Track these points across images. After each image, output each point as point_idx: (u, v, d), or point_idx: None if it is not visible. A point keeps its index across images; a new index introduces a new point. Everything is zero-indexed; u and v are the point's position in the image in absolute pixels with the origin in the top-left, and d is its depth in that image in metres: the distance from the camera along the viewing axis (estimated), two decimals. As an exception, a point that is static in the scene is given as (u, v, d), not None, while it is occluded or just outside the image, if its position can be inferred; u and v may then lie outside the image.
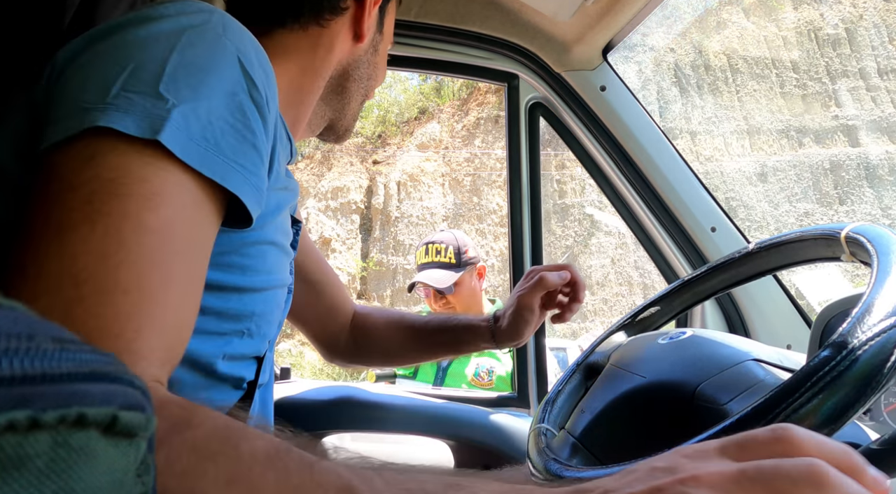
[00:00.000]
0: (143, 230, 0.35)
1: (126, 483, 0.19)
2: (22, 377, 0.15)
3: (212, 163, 0.38)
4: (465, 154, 13.85)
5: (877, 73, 14.17)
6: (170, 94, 0.38)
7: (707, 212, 1.14)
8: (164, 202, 0.36)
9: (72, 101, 0.38)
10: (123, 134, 0.36)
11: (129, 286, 0.34)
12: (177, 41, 0.41)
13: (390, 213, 13.25)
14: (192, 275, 0.38)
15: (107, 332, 0.33)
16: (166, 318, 0.35)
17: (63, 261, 0.33)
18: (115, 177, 0.35)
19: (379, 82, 0.75)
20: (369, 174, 13.93)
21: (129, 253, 0.34)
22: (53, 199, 0.34)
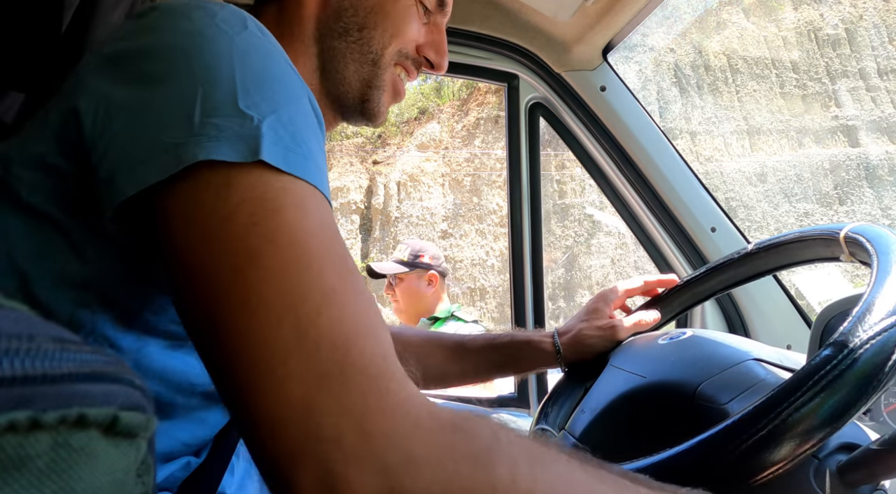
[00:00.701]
0: (310, 234, 0.35)
1: (127, 483, 0.19)
2: (23, 377, 0.15)
3: (307, 168, 0.38)
4: (465, 154, 13.85)
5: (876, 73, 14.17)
6: (252, 110, 0.37)
7: (707, 213, 1.14)
8: (311, 209, 0.36)
9: (154, 139, 0.36)
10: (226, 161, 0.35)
11: (337, 286, 0.34)
12: (231, 51, 0.39)
13: (390, 213, 13.25)
14: (357, 268, 0.38)
15: (360, 333, 0.32)
16: (373, 309, 0.35)
17: (275, 283, 0.32)
18: (259, 195, 0.35)
19: (395, 34, 0.61)
20: (369, 174, 13.93)
21: (319, 258, 0.34)
22: (214, 235, 0.34)
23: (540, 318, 1.27)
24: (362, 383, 0.31)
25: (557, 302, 12.61)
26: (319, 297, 0.32)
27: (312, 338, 0.31)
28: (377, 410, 0.30)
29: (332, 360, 0.31)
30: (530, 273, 1.26)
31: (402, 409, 0.31)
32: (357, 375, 0.31)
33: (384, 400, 0.30)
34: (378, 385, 0.31)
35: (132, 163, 0.36)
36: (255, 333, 0.31)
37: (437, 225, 13.34)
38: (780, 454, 0.37)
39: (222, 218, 0.34)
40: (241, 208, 0.34)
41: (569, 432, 0.64)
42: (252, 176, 0.35)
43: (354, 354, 0.31)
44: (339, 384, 0.30)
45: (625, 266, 12.79)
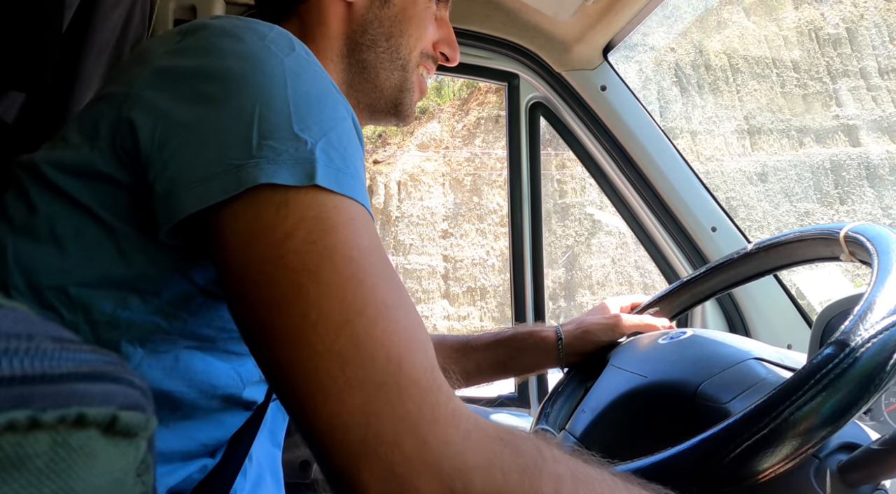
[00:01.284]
0: (365, 252, 0.37)
1: (126, 482, 0.19)
2: (22, 377, 0.15)
3: (355, 187, 0.40)
4: (465, 153, 13.84)
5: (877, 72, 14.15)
6: (305, 134, 0.39)
7: (708, 212, 1.14)
8: (361, 226, 0.38)
9: (214, 159, 0.38)
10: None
11: (392, 302, 0.36)
12: (283, 73, 0.41)
13: (391, 213, 13.25)
14: (402, 283, 0.40)
15: (413, 346, 0.34)
16: (424, 327, 0.38)
17: (333, 298, 0.34)
18: (315, 215, 0.37)
19: (419, 38, 0.64)
20: (370, 174, 13.93)
21: (372, 274, 0.36)
22: (273, 252, 0.36)
23: (540, 318, 1.27)
24: (416, 394, 0.33)
25: (558, 302, 12.61)
26: (374, 312, 0.35)
27: (369, 350, 0.33)
28: (431, 419, 0.32)
29: (387, 371, 0.33)
30: (531, 272, 1.26)
31: (453, 420, 0.33)
32: (411, 386, 0.33)
33: (436, 410, 0.33)
34: (430, 396, 0.33)
35: (192, 181, 0.38)
36: (316, 344, 0.33)
37: (438, 224, 13.34)
38: (782, 453, 0.37)
39: (282, 236, 0.36)
40: (300, 226, 0.36)
41: (569, 432, 0.64)
42: (308, 197, 0.37)
43: (407, 367, 0.33)
44: (395, 393, 0.32)
45: (625, 265, 12.79)
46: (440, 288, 12.95)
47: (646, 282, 12.44)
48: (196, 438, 0.50)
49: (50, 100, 0.79)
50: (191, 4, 1.08)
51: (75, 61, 0.82)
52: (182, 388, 0.47)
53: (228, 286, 0.37)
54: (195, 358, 0.47)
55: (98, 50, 0.86)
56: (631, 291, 12.47)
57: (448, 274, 13.08)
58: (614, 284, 12.61)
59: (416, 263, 12.89)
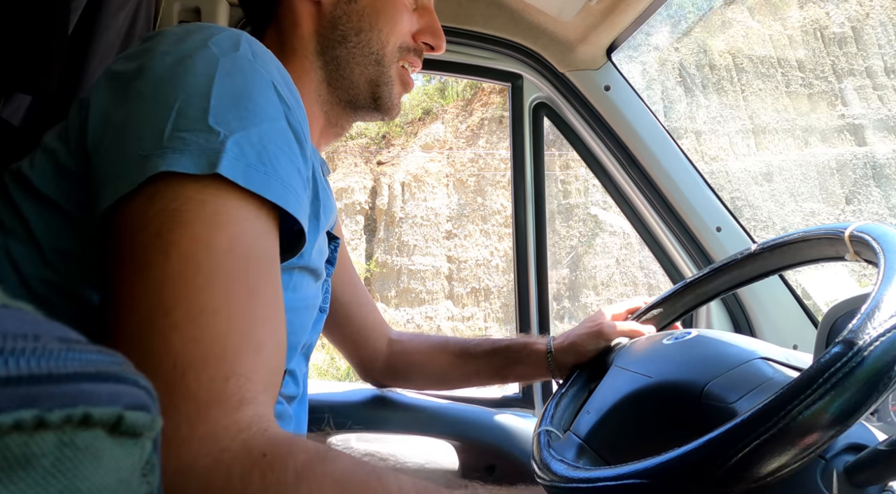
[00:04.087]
0: (214, 250, 0.36)
1: (132, 482, 0.19)
2: (28, 377, 0.16)
3: (270, 186, 0.39)
4: (469, 154, 13.84)
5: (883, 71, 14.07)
6: (220, 126, 0.38)
7: (712, 212, 1.13)
8: (229, 221, 0.37)
9: (130, 153, 0.38)
10: (185, 173, 0.37)
11: (216, 305, 0.34)
12: (214, 71, 0.41)
13: (394, 214, 13.26)
14: (272, 290, 0.39)
15: (210, 355, 0.33)
16: (261, 334, 0.36)
17: (149, 294, 0.34)
18: (177, 207, 0.36)
19: (391, 31, 0.63)
20: (373, 175, 13.94)
21: (209, 274, 0.35)
22: (127, 243, 0.36)
23: (544, 319, 1.27)
24: (188, 408, 0.32)
25: (562, 303, 12.59)
26: (182, 314, 0.33)
27: (157, 355, 0.32)
28: (188, 437, 0.31)
29: (170, 380, 0.32)
30: (535, 273, 1.26)
31: (213, 437, 0.31)
32: (185, 401, 0.32)
33: (198, 428, 0.31)
34: (200, 412, 0.32)
35: (111, 176, 0.39)
36: (120, 336, 0.33)
37: (442, 225, 13.34)
38: (790, 454, 0.37)
39: (138, 226, 0.36)
40: (156, 219, 0.36)
41: (574, 433, 0.63)
42: (201, 187, 0.37)
43: (190, 377, 0.32)
44: (169, 405, 0.31)
45: (630, 266, 12.75)
46: (444, 289, 12.94)
47: (650, 283, 12.39)
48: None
49: (55, 102, 0.79)
50: (195, 6, 1.08)
51: (81, 64, 0.83)
52: None
53: (101, 261, 0.37)
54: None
55: (103, 52, 0.86)
56: (635, 291, 12.43)
57: (452, 274, 13.08)
58: (618, 285, 12.57)
59: (420, 264, 12.89)
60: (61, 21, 0.67)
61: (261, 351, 0.35)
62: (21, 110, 0.74)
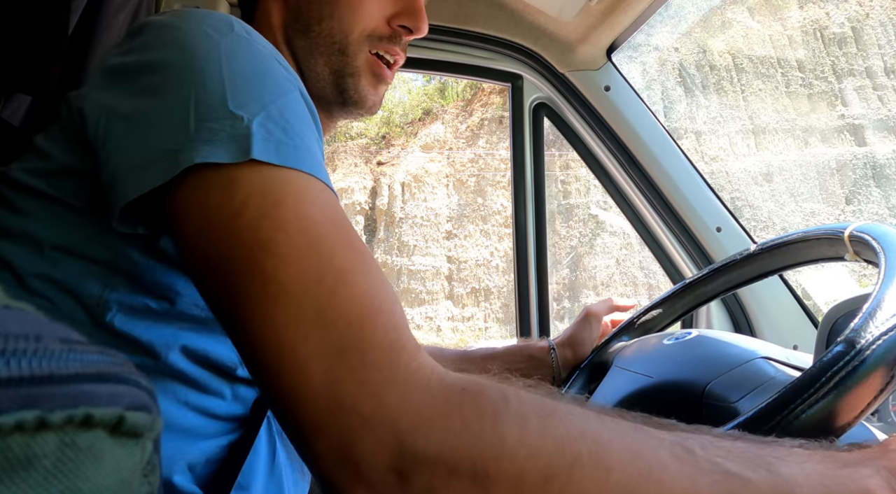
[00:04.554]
0: (318, 222, 0.37)
1: (133, 483, 0.19)
2: (30, 378, 0.16)
3: (303, 158, 0.40)
4: (469, 154, 13.85)
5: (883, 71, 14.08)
6: (242, 110, 0.39)
7: (712, 212, 1.13)
8: (312, 196, 0.38)
9: (153, 146, 0.39)
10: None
11: (350, 266, 0.36)
12: (218, 54, 0.41)
13: (394, 214, 13.26)
14: (366, 248, 0.40)
15: (373, 309, 0.34)
16: (387, 286, 0.37)
17: (290, 269, 0.34)
18: (261, 190, 0.37)
19: (353, 18, 0.59)
20: (373, 175, 13.95)
21: (328, 242, 0.36)
22: (227, 230, 0.36)
23: (544, 319, 1.27)
24: (377, 356, 0.33)
25: (562, 303, 12.59)
26: (332, 279, 0.35)
27: (330, 318, 0.33)
28: (391, 380, 0.32)
29: (348, 336, 0.33)
30: (535, 273, 1.26)
31: (413, 378, 0.33)
32: (372, 350, 0.33)
33: (397, 371, 0.33)
34: (391, 357, 0.33)
35: (132, 169, 0.39)
36: (278, 316, 0.33)
37: (442, 225, 13.35)
38: None
39: (232, 214, 0.36)
40: (248, 203, 0.36)
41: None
42: (251, 172, 0.37)
43: (368, 329, 0.34)
44: (356, 358, 0.32)
45: (630, 266, 12.75)
46: (444, 290, 12.95)
47: (650, 283, 12.40)
48: (210, 412, 0.51)
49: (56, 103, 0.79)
50: (195, 6, 1.09)
51: (81, 64, 0.83)
52: (184, 366, 0.47)
53: (192, 268, 0.38)
54: (192, 338, 0.47)
55: (103, 53, 0.86)
56: (636, 292, 12.43)
57: (452, 275, 13.08)
58: (618, 285, 12.58)
59: (421, 264, 12.90)
60: (62, 21, 0.67)
61: (397, 301, 0.37)
62: (21, 110, 0.74)
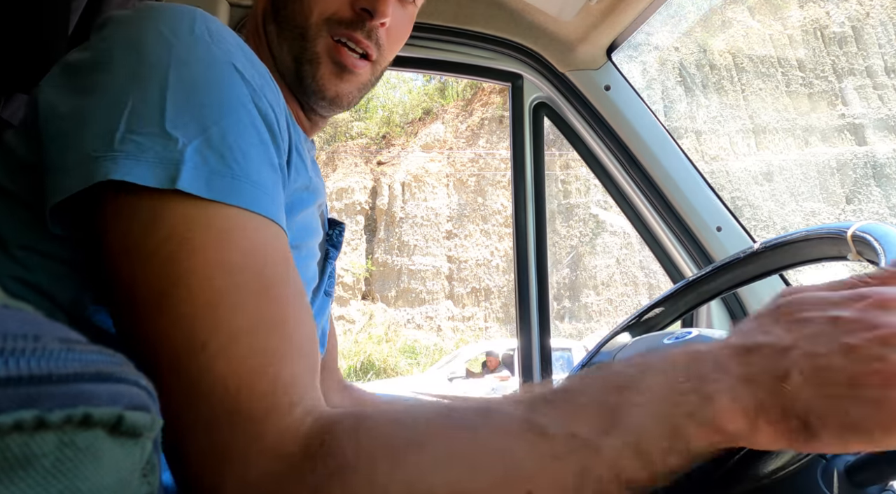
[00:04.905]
0: (233, 271, 0.35)
1: (132, 482, 0.19)
2: (29, 377, 0.15)
3: (240, 190, 0.37)
4: (469, 154, 13.84)
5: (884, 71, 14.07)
6: (178, 131, 0.36)
7: (713, 212, 1.13)
8: (233, 238, 0.36)
9: (77, 147, 0.37)
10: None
11: (249, 325, 0.34)
12: (168, 59, 0.39)
13: (395, 214, 13.26)
14: (293, 287, 0.38)
15: (256, 372, 0.33)
16: (297, 336, 0.36)
17: (181, 328, 0.33)
18: (182, 231, 0.35)
19: (311, 3, 0.57)
20: (374, 175, 13.95)
21: (233, 297, 0.34)
22: (139, 269, 0.35)
23: (545, 319, 1.27)
24: (246, 428, 0.32)
25: (563, 302, 12.59)
26: (221, 341, 0.33)
27: (207, 385, 0.32)
28: (255, 454, 0.32)
29: (222, 406, 0.32)
30: (535, 273, 1.26)
31: (277, 448, 0.32)
32: (243, 421, 0.32)
33: (263, 441, 0.32)
34: (259, 426, 0.32)
35: (58, 170, 0.37)
36: (163, 377, 0.33)
37: (442, 225, 13.34)
38: (789, 453, 0.37)
39: (148, 253, 0.35)
40: (165, 244, 0.34)
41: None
42: (176, 205, 0.35)
43: (243, 397, 0.33)
44: (224, 431, 0.32)
45: (630, 265, 12.75)
46: (444, 289, 12.94)
47: (650, 282, 12.39)
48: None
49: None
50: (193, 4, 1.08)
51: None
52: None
53: (107, 287, 0.37)
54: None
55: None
56: (636, 291, 12.43)
57: (452, 274, 13.08)
58: (619, 284, 12.57)
59: (421, 264, 12.89)
60: (62, 21, 0.67)
61: (301, 353, 0.36)
62: (21, 110, 0.74)
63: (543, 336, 1.25)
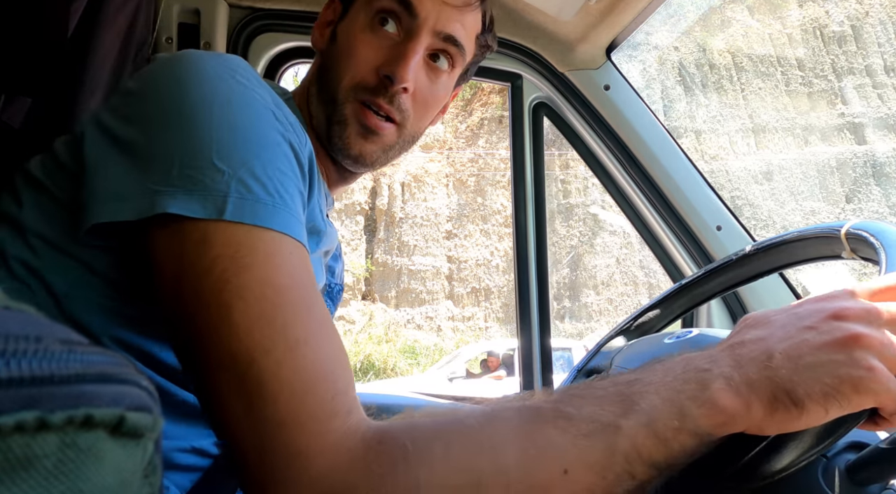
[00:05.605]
0: (280, 289, 0.39)
1: (133, 483, 0.19)
2: (30, 378, 0.16)
3: (279, 216, 0.41)
4: (468, 154, 13.85)
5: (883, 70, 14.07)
6: (224, 163, 0.41)
7: (713, 211, 1.13)
8: (280, 261, 0.40)
9: (134, 179, 0.41)
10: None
11: (303, 336, 0.38)
12: (213, 100, 0.43)
13: (394, 214, 13.26)
14: (325, 307, 0.42)
15: (317, 379, 0.37)
16: (339, 351, 0.40)
17: (241, 338, 0.37)
18: (231, 253, 0.39)
19: (344, 68, 0.61)
20: (373, 175, 13.94)
21: (285, 312, 0.38)
22: (195, 287, 0.38)
23: (545, 318, 1.27)
24: (312, 427, 0.35)
25: (563, 302, 12.59)
26: (283, 349, 0.37)
27: (272, 389, 0.36)
28: (321, 450, 0.35)
29: (288, 409, 0.35)
30: (535, 273, 1.26)
31: (340, 445, 0.35)
32: (309, 421, 0.36)
33: (327, 439, 0.35)
34: (324, 427, 0.36)
35: (109, 196, 0.41)
36: (226, 382, 0.36)
37: (442, 225, 13.35)
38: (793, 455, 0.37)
39: (201, 272, 0.38)
40: (217, 263, 0.38)
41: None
42: (224, 230, 0.39)
43: (309, 400, 0.36)
44: (292, 430, 0.35)
45: (630, 265, 12.75)
46: (444, 289, 12.94)
47: (650, 282, 12.40)
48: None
49: (55, 105, 0.79)
50: (194, 7, 1.08)
51: (80, 66, 0.83)
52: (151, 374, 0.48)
53: (165, 309, 0.40)
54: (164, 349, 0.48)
55: (103, 55, 0.86)
56: (636, 291, 12.43)
57: (452, 274, 13.08)
58: (619, 284, 12.58)
59: (421, 264, 12.89)
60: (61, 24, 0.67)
61: (345, 366, 0.39)
62: (21, 113, 0.74)
63: (544, 335, 1.25)
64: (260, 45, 1.14)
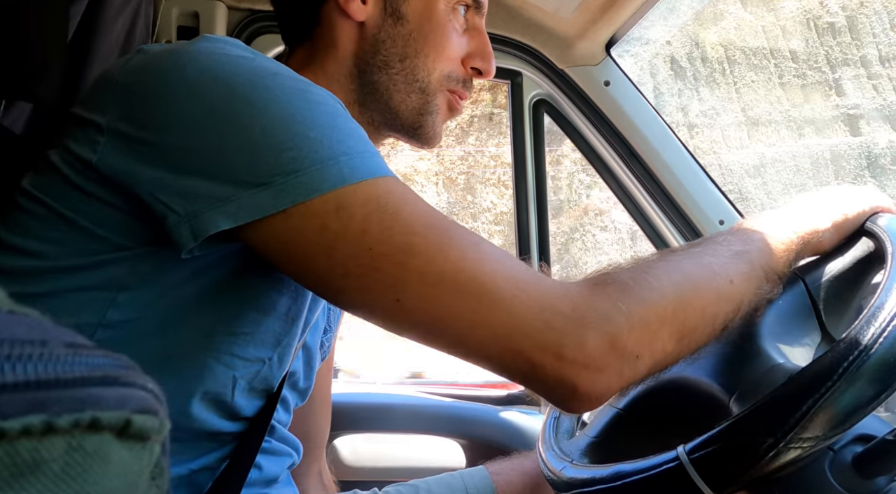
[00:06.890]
0: (433, 218, 0.42)
1: (140, 486, 0.19)
2: (36, 382, 0.15)
3: (379, 164, 0.44)
4: (458, 152, 13.85)
5: (878, 60, 14.12)
6: (314, 132, 0.42)
7: (715, 205, 1.13)
8: (409, 196, 0.43)
9: (262, 174, 0.40)
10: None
11: (474, 238, 0.42)
12: (259, 82, 0.43)
13: (392, 213, 13.24)
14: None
15: (506, 262, 0.42)
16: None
17: (439, 257, 0.40)
18: (376, 207, 0.40)
19: (437, 57, 0.59)
20: (370, 175, 13.92)
21: (447, 227, 0.42)
22: (360, 248, 0.40)
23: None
24: (555, 290, 0.41)
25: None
26: (473, 253, 0.40)
27: (489, 277, 0.40)
28: (578, 309, 0.41)
29: (508, 288, 0.40)
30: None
31: (581, 292, 0.42)
32: (549, 288, 0.41)
33: (575, 299, 0.41)
34: (566, 288, 0.42)
35: (214, 200, 0.40)
36: (445, 293, 0.39)
37: (439, 224, 13.33)
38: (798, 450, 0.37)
39: (359, 233, 0.40)
40: (370, 219, 0.40)
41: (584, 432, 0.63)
42: (355, 192, 0.40)
43: (519, 278, 0.41)
44: (553, 309, 0.40)
45: (628, 261, 12.77)
46: (443, 288, 12.93)
47: (649, 277, 12.41)
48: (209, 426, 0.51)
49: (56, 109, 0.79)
50: (194, 11, 1.08)
51: (80, 70, 0.82)
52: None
53: (314, 287, 0.43)
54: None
55: (102, 58, 0.86)
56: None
57: (450, 273, 13.07)
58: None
59: (419, 263, 12.88)
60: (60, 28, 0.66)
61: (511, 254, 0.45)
62: (22, 119, 0.74)
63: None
64: (259, 47, 1.14)
